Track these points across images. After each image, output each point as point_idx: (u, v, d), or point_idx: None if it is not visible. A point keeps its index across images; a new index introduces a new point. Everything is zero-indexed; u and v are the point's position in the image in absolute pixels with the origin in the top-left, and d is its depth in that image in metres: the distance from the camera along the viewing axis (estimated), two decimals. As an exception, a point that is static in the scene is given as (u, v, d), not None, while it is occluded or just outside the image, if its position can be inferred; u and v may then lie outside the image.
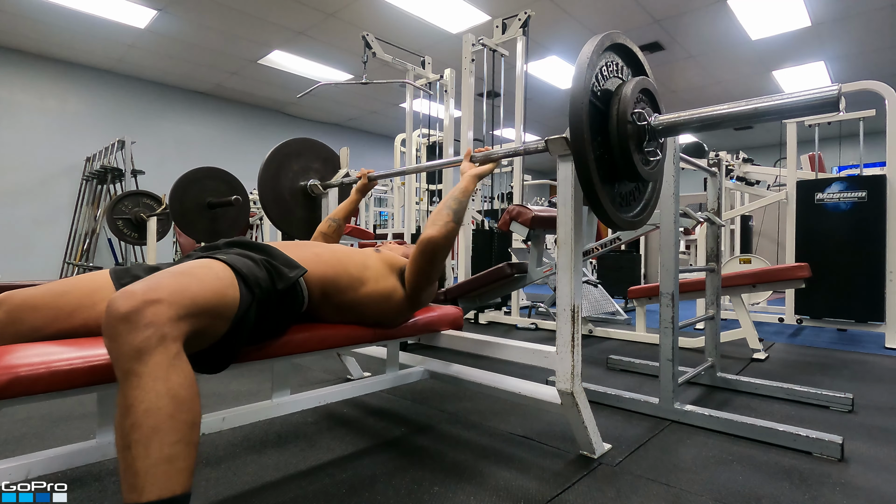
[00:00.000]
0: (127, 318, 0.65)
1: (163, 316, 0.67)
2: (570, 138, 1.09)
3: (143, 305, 0.66)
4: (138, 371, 0.63)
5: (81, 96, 5.90)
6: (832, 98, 0.96)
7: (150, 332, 0.65)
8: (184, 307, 0.71)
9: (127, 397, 0.64)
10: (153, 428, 0.62)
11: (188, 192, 3.15)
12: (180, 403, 0.64)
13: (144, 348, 0.64)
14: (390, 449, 1.32)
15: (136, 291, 0.68)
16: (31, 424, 1.49)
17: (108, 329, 0.66)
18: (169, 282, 0.73)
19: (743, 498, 1.10)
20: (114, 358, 0.66)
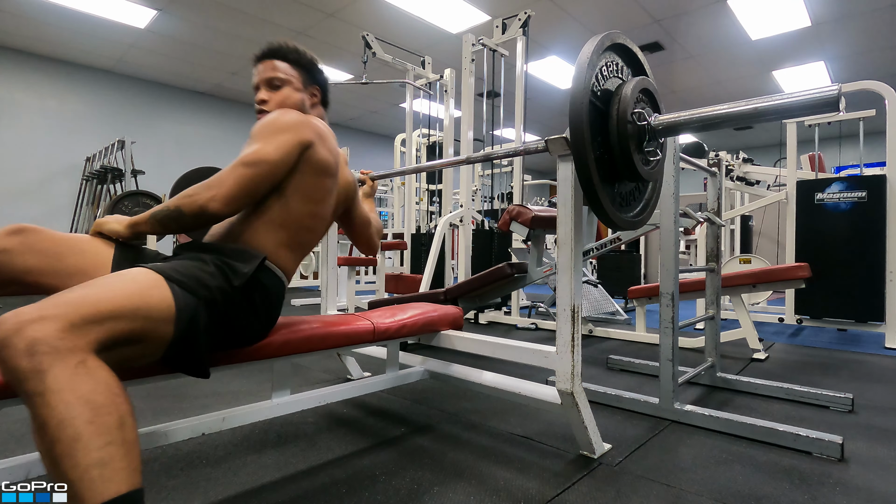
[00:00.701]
0: (7, 344, 0.62)
1: (48, 330, 0.64)
2: (570, 138, 1.09)
3: (23, 325, 0.63)
4: (38, 390, 0.61)
5: (81, 96, 5.90)
6: (832, 98, 0.96)
7: (39, 350, 0.62)
8: (80, 316, 0.68)
9: (37, 418, 0.62)
10: (73, 437, 0.60)
11: (188, 192, 3.15)
12: (97, 407, 0.63)
13: (37, 368, 0.62)
14: (390, 449, 1.32)
15: (20, 312, 0.65)
16: (30, 424, 1.49)
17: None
18: (66, 297, 0.71)
19: (743, 498, 1.10)
20: (11, 385, 0.64)
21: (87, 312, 0.70)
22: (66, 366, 0.63)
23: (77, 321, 0.68)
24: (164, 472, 1.17)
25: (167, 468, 1.19)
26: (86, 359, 0.66)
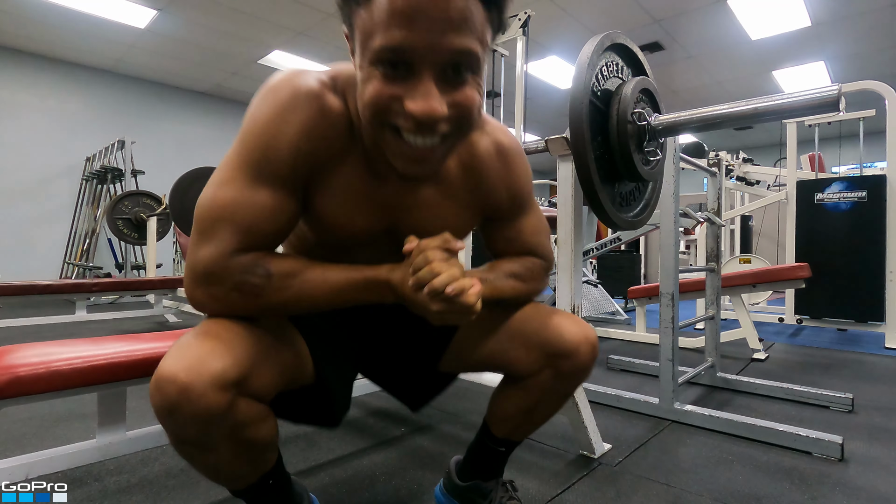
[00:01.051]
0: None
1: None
2: (570, 138, 1.09)
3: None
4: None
5: (81, 96, 5.90)
6: (832, 98, 0.96)
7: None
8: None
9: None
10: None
11: (188, 192, 3.15)
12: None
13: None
14: (390, 449, 1.32)
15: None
16: (31, 424, 1.49)
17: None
18: None
19: (743, 498, 1.10)
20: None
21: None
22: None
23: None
24: (164, 472, 1.17)
25: (167, 468, 1.19)
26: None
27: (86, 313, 3.45)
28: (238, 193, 0.62)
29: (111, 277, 5.21)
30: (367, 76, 0.55)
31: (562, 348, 0.77)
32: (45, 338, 2.51)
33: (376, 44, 0.52)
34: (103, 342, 1.06)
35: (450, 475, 0.98)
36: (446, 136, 0.58)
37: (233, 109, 7.20)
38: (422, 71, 0.53)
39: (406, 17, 0.50)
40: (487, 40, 0.56)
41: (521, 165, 0.80)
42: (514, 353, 0.80)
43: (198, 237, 0.62)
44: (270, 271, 0.62)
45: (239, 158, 0.63)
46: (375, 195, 0.69)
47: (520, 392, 0.83)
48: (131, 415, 1.17)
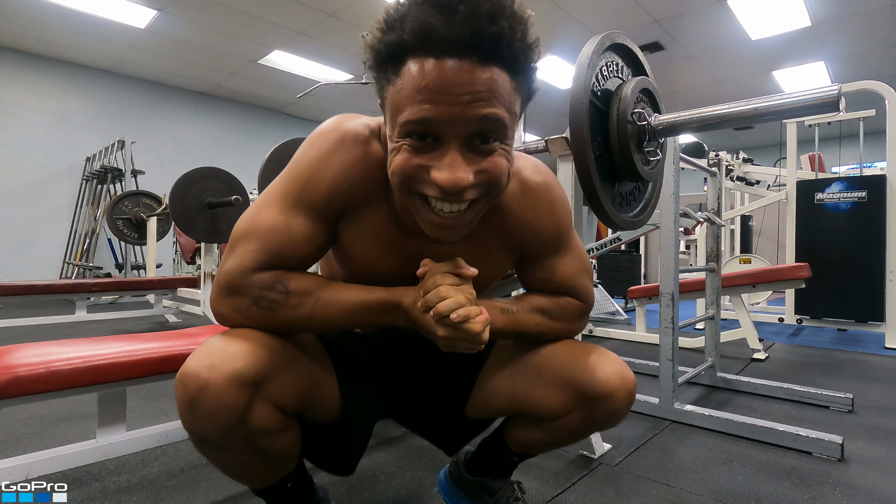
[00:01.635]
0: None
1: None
2: (570, 138, 1.09)
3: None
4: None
5: (81, 96, 5.89)
6: (832, 98, 0.96)
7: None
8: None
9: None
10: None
11: (188, 192, 3.15)
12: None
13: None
14: (390, 449, 1.32)
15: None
16: (31, 424, 1.49)
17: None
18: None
19: (743, 498, 1.10)
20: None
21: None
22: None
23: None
24: (165, 472, 1.17)
25: (167, 468, 1.19)
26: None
27: (86, 313, 3.45)
28: (273, 217, 0.65)
29: (111, 277, 5.21)
30: (396, 148, 0.57)
31: (596, 391, 0.70)
32: (45, 338, 2.51)
33: (403, 118, 0.54)
34: (103, 342, 1.06)
35: (458, 466, 0.97)
36: (474, 202, 0.59)
37: (233, 109, 7.20)
38: (448, 142, 0.54)
39: (431, 93, 0.51)
40: (516, 109, 0.57)
41: (548, 203, 0.74)
42: (542, 394, 0.74)
43: (228, 252, 0.65)
44: (288, 288, 0.63)
45: (281, 189, 0.67)
46: (401, 246, 0.71)
47: (543, 430, 0.78)
48: (131, 415, 1.17)
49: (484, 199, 0.60)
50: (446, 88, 0.51)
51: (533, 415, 0.77)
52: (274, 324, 0.64)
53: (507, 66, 0.53)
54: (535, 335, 0.75)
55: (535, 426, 0.79)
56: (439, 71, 0.51)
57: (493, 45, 0.51)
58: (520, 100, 0.58)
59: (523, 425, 0.81)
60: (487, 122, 0.54)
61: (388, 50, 0.54)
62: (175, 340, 1.10)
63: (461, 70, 0.51)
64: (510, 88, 0.55)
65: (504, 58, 0.53)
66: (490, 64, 0.52)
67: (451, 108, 0.52)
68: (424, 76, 0.51)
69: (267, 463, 0.66)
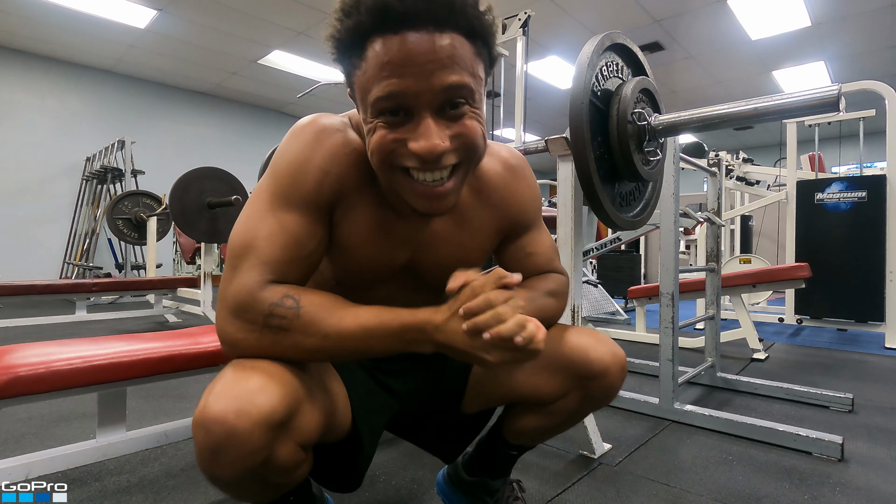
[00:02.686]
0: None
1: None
2: (570, 138, 1.09)
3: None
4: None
5: (81, 96, 5.89)
6: (832, 98, 0.96)
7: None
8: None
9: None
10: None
11: (188, 192, 3.15)
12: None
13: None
14: (390, 449, 1.32)
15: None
16: (31, 424, 1.49)
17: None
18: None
19: (743, 498, 1.10)
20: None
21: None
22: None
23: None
24: (164, 472, 1.17)
25: (167, 468, 1.19)
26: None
27: (86, 313, 3.45)
28: (268, 222, 0.62)
29: (111, 277, 5.21)
30: (371, 128, 0.57)
31: (591, 370, 0.73)
32: (45, 338, 2.51)
33: (372, 97, 0.55)
34: (103, 342, 1.06)
35: (456, 467, 0.97)
36: (455, 168, 0.59)
37: (233, 109, 7.20)
38: (420, 112, 0.55)
39: (395, 67, 0.53)
40: (479, 73, 0.58)
41: (529, 177, 0.79)
42: (539, 380, 0.76)
43: (230, 271, 0.61)
44: (300, 303, 0.58)
45: (269, 191, 0.64)
46: (394, 230, 0.69)
47: (542, 414, 0.79)
48: (131, 415, 1.17)
49: (464, 166, 0.60)
50: (409, 60, 0.52)
51: (530, 400, 0.79)
52: (285, 348, 0.58)
53: (464, 31, 0.55)
54: (547, 320, 0.75)
55: (533, 412, 0.80)
56: (400, 45, 0.52)
57: (447, 12, 0.53)
58: (482, 64, 0.59)
59: (521, 413, 0.82)
60: (454, 90, 0.55)
61: (349, 36, 0.55)
62: (175, 340, 1.10)
63: (420, 40, 0.52)
64: (471, 53, 0.56)
65: (460, 23, 0.54)
66: (447, 30, 0.53)
67: (416, 79, 0.53)
68: (386, 52, 0.53)
69: (275, 489, 0.64)
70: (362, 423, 0.75)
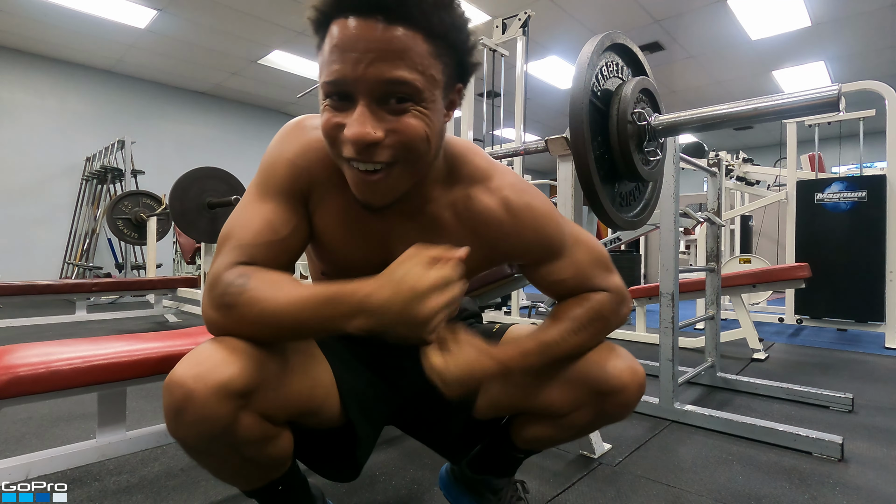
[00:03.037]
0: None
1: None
2: (570, 138, 1.09)
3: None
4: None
5: (81, 96, 5.89)
6: (832, 98, 0.96)
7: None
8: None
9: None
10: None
11: (188, 192, 3.15)
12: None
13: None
14: (390, 449, 1.32)
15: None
16: (31, 424, 1.49)
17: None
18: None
19: (743, 498, 1.10)
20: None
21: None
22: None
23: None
24: (165, 472, 1.17)
25: (167, 468, 1.19)
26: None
27: (86, 313, 3.45)
28: (248, 211, 0.67)
29: (111, 277, 5.21)
30: (322, 110, 0.59)
31: (609, 386, 0.71)
32: (45, 338, 2.51)
33: (321, 79, 0.57)
34: (103, 342, 1.06)
35: (461, 463, 0.97)
36: (391, 164, 0.58)
37: (233, 109, 7.20)
38: (357, 100, 0.55)
39: (340, 52, 0.53)
40: (434, 74, 0.56)
41: (534, 221, 0.71)
42: (553, 391, 0.74)
43: (213, 258, 0.66)
44: (248, 282, 0.60)
45: (253, 185, 0.70)
46: (366, 226, 0.70)
47: (554, 428, 0.78)
48: (131, 415, 1.17)
49: (401, 165, 0.58)
50: (351, 46, 0.52)
51: (543, 412, 0.77)
52: (234, 322, 0.60)
53: (420, 27, 0.53)
54: (580, 352, 0.73)
55: (545, 423, 0.79)
56: (346, 30, 0.53)
57: (399, 4, 0.51)
58: (442, 66, 0.57)
59: (532, 422, 0.81)
60: (394, 85, 0.54)
61: (316, 18, 0.56)
62: (175, 340, 1.10)
63: (366, 28, 0.52)
64: (425, 52, 0.54)
65: (414, 17, 0.52)
66: (397, 23, 0.52)
67: (356, 66, 0.53)
68: (335, 36, 0.54)
69: (255, 468, 0.66)
70: (356, 414, 0.75)
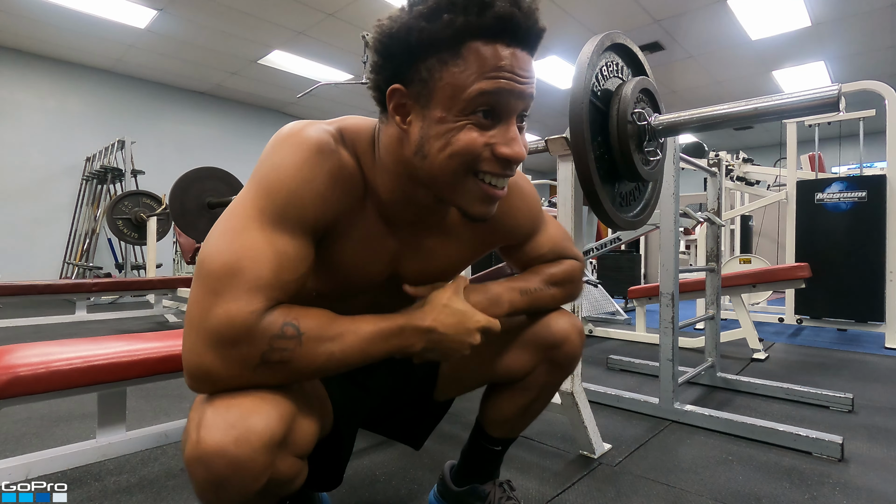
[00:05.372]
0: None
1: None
2: (570, 138, 1.09)
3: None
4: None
5: (81, 96, 5.89)
6: (832, 98, 0.96)
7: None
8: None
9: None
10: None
11: (188, 192, 3.15)
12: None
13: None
14: (390, 449, 1.32)
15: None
16: (31, 424, 1.49)
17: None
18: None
19: (743, 498, 1.10)
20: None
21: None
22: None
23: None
24: (164, 472, 1.17)
25: (167, 468, 1.19)
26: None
27: (86, 313, 3.45)
28: (256, 242, 0.55)
29: (111, 277, 5.21)
30: (455, 127, 0.57)
31: (554, 339, 0.81)
32: (45, 338, 2.51)
33: (475, 90, 0.55)
34: (103, 342, 1.06)
35: (444, 481, 0.98)
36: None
37: (233, 109, 7.20)
38: (509, 118, 0.58)
39: (501, 69, 0.56)
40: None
41: (523, 193, 0.79)
42: (509, 357, 0.83)
43: (208, 295, 0.53)
44: (300, 329, 0.54)
45: (256, 207, 0.57)
46: (384, 243, 0.69)
47: (517, 392, 0.85)
48: (131, 415, 1.17)
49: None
50: (518, 69, 0.57)
51: (503, 379, 0.85)
52: (284, 378, 0.55)
53: (533, 56, 0.61)
54: (550, 306, 0.83)
55: (507, 393, 0.86)
56: (514, 55, 0.57)
57: (538, 41, 0.59)
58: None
59: (496, 398, 0.88)
60: (531, 100, 0.60)
61: (455, 32, 0.55)
62: (175, 340, 1.10)
63: (526, 57, 0.58)
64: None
65: (535, 50, 0.60)
66: (532, 53, 0.60)
67: (517, 84, 0.57)
68: (502, 57, 0.56)
69: (275, 498, 0.62)
70: (342, 422, 0.75)
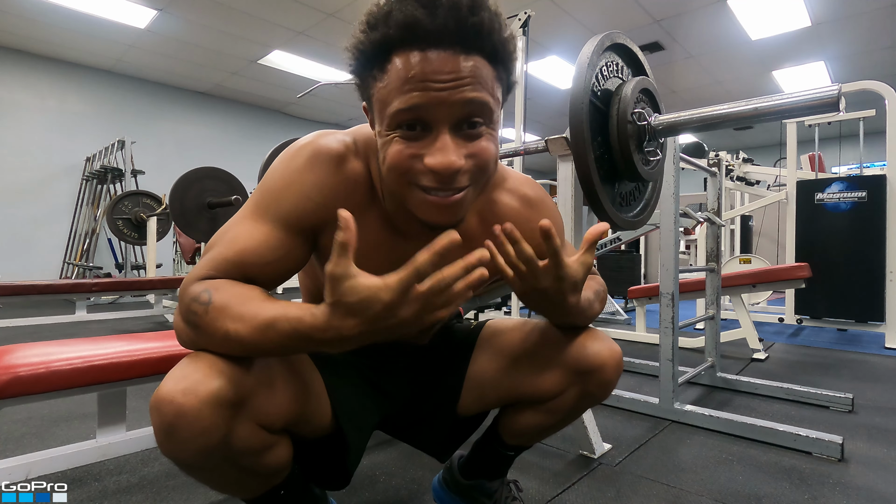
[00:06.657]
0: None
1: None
2: (570, 138, 1.09)
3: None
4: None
5: (81, 96, 5.89)
6: (832, 98, 0.96)
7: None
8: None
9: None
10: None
11: (188, 192, 3.15)
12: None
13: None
14: (390, 449, 1.32)
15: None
16: (31, 424, 1.49)
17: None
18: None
19: (743, 498, 1.10)
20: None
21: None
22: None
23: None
24: (165, 472, 1.17)
25: (167, 468, 1.19)
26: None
27: (86, 313, 3.45)
28: (239, 227, 0.64)
29: (111, 277, 5.21)
30: (386, 141, 0.57)
31: (589, 365, 0.74)
32: (45, 338, 2.51)
33: (393, 108, 0.55)
34: (103, 342, 1.06)
35: (452, 471, 0.97)
36: (465, 189, 0.59)
37: (233, 109, 7.20)
38: (438, 128, 0.55)
39: (418, 82, 0.53)
40: (498, 96, 0.59)
41: (548, 211, 0.79)
42: (537, 377, 0.77)
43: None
44: (211, 298, 0.55)
45: (253, 202, 0.66)
46: (396, 250, 0.68)
47: (541, 412, 0.80)
48: (131, 415, 1.17)
49: (473, 186, 0.60)
50: (432, 76, 0.53)
51: (529, 399, 0.80)
52: (206, 343, 0.56)
53: (488, 55, 0.56)
54: (580, 323, 0.76)
55: (531, 410, 0.80)
56: (425, 61, 0.53)
57: (475, 35, 0.54)
58: (501, 89, 0.60)
59: (519, 412, 0.82)
60: (474, 106, 0.55)
61: (374, 48, 0.55)
62: (175, 340, 1.10)
63: (446, 58, 0.53)
64: (492, 77, 0.57)
65: (485, 47, 0.55)
66: (472, 53, 0.54)
67: (438, 93, 0.53)
68: (412, 67, 0.53)
69: (255, 477, 0.64)
70: (347, 422, 0.74)
